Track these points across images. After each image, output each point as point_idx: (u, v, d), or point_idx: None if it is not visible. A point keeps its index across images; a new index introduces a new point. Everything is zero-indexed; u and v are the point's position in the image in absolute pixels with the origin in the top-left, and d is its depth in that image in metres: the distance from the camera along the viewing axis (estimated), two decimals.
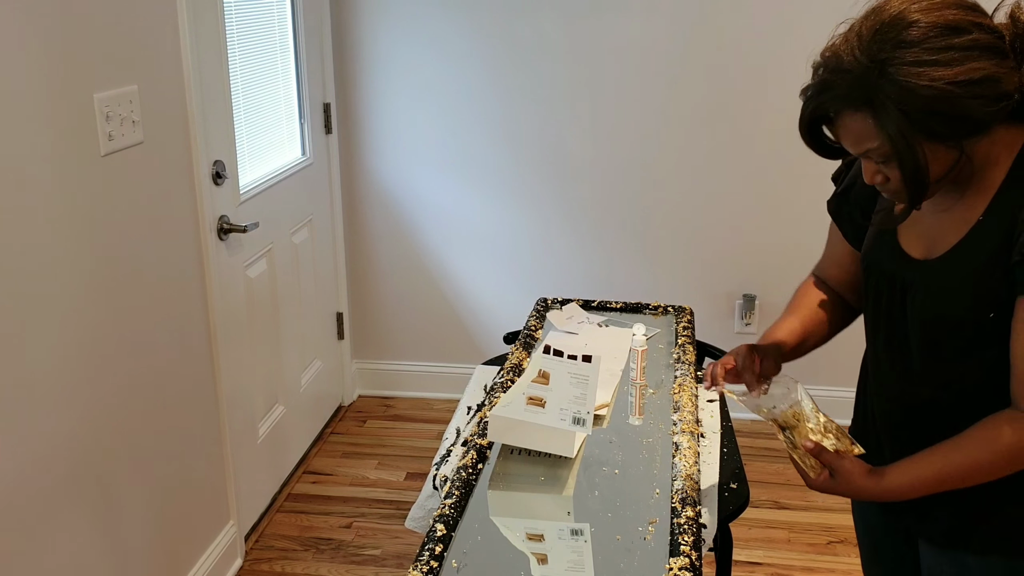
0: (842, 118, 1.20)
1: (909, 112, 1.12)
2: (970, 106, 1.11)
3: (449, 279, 3.52)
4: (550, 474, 1.55)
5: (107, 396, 1.97)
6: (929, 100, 1.11)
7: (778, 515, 2.89)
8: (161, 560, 2.23)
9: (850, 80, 1.15)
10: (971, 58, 1.11)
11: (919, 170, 1.15)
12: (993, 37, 1.13)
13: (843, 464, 1.30)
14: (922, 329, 1.29)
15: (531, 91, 3.25)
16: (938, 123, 1.13)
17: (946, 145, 1.15)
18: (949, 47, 1.11)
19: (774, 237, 3.29)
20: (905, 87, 1.11)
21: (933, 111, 1.12)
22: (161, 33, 2.13)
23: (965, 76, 1.10)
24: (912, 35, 1.12)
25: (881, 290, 1.36)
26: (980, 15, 1.15)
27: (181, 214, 2.26)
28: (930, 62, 1.10)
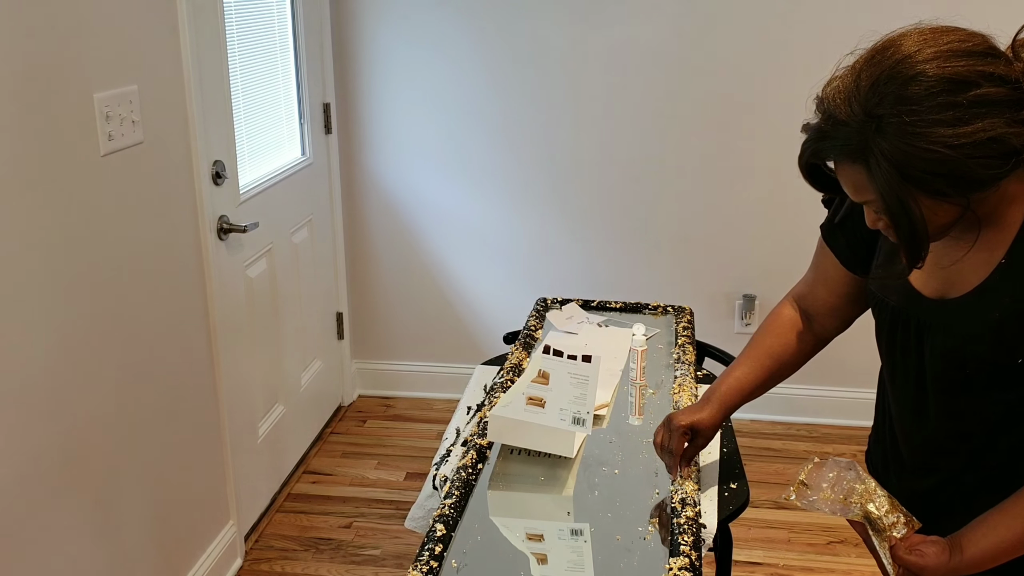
0: (840, 166, 1.15)
1: (906, 172, 1.06)
2: (972, 167, 1.05)
3: (449, 279, 3.52)
4: (550, 474, 1.55)
5: (107, 396, 1.97)
6: (928, 163, 1.05)
7: (778, 515, 2.89)
8: (161, 560, 2.23)
9: (846, 133, 1.10)
10: (977, 117, 1.03)
11: (915, 228, 1.10)
12: (1006, 89, 1.05)
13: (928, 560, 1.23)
14: (942, 369, 1.24)
15: (531, 91, 3.25)
16: (939, 183, 1.07)
17: (947, 200, 1.09)
18: (953, 105, 1.04)
19: (774, 237, 3.29)
20: (901, 148, 1.05)
21: (934, 174, 1.06)
22: (161, 33, 2.13)
23: (968, 139, 1.03)
24: (913, 91, 1.05)
25: (895, 327, 1.31)
26: (991, 62, 1.06)
27: (181, 214, 2.26)
28: (930, 122, 1.04)
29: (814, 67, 3.30)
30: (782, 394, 3.37)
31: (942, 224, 1.12)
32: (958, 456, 1.28)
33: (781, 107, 3.13)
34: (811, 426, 3.40)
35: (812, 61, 3.06)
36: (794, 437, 3.35)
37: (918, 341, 1.26)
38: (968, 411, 1.24)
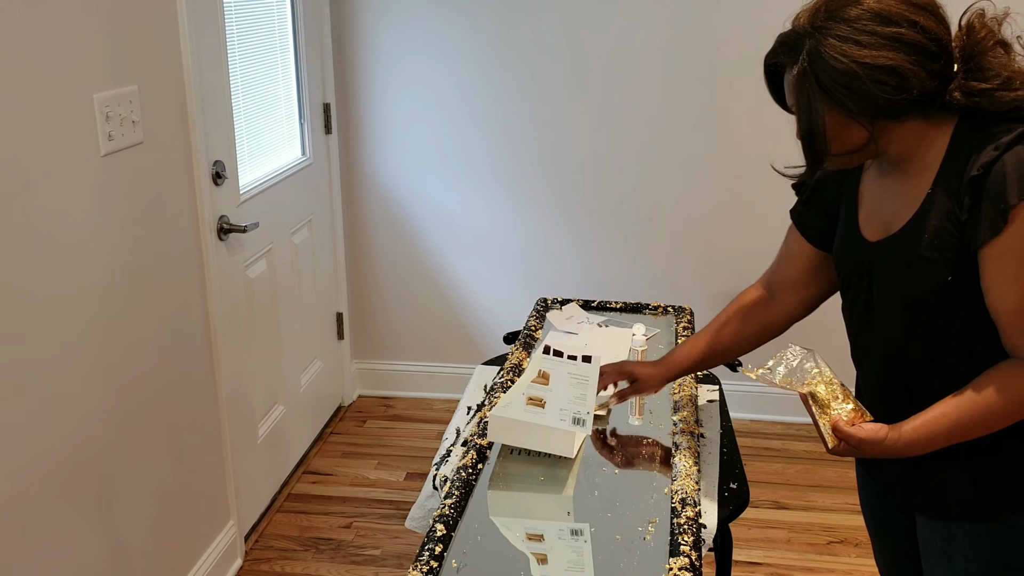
0: (787, 71, 1.33)
1: (822, 79, 1.24)
2: (870, 89, 1.21)
3: (449, 279, 3.52)
4: (550, 474, 1.55)
5: (107, 396, 1.97)
6: (836, 72, 1.22)
7: (778, 515, 2.89)
8: (161, 560, 2.23)
9: (791, 38, 1.29)
10: (886, 47, 1.20)
11: (813, 132, 1.28)
12: (923, 36, 1.21)
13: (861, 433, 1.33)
14: (886, 303, 1.36)
15: (531, 91, 3.25)
16: (844, 96, 1.23)
17: (855, 120, 1.26)
18: (872, 32, 1.21)
19: (774, 237, 3.28)
20: (821, 54, 1.24)
21: (840, 84, 1.23)
22: (161, 33, 2.13)
23: (871, 60, 1.20)
24: (849, 13, 1.23)
25: (850, 279, 1.43)
26: (923, 14, 1.22)
27: (181, 214, 2.26)
28: (849, 40, 1.22)
29: None
30: (782, 394, 3.37)
31: (849, 144, 1.29)
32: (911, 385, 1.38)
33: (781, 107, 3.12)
34: (811, 426, 3.40)
35: None
36: (794, 437, 3.35)
37: (868, 284, 1.38)
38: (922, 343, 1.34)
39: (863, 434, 1.33)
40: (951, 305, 1.30)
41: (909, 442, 1.31)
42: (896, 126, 1.27)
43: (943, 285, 1.28)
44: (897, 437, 1.32)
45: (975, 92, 1.24)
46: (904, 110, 1.24)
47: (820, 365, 1.41)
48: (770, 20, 3.11)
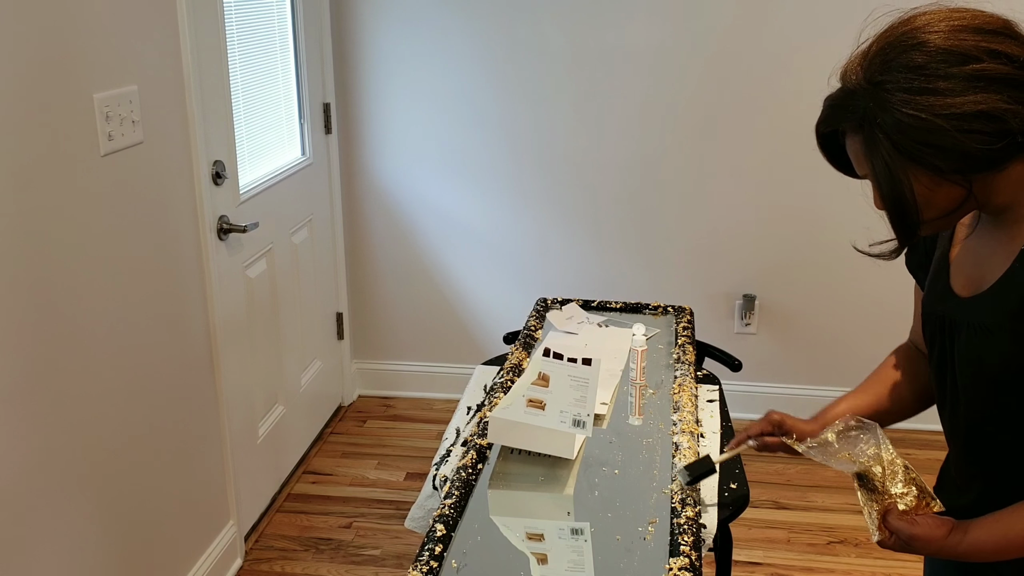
0: (848, 136, 1.15)
1: (898, 142, 1.07)
2: (963, 141, 1.04)
3: (449, 279, 3.52)
4: (550, 474, 1.55)
5: (107, 396, 1.97)
6: (916, 131, 1.05)
7: (778, 515, 2.89)
8: (161, 560, 2.23)
9: (849, 100, 1.11)
10: (972, 90, 1.03)
11: (901, 202, 1.09)
12: (1010, 67, 1.04)
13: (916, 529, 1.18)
14: (965, 373, 1.19)
15: (531, 91, 3.25)
16: (932, 155, 1.06)
17: (946, 179, 1.08)
18: (948, 76, 1.04)
19: (774, 237, 3.29)
20: (894, 115, 1.06)
21: (923, 143, 1.05)
22: (161, 33, 2.13)
23: (959, 110, 1.03)
24: (914, 59, 1.06)
25: (935, 336, 1.26)
26: (1001, 40, 1.05)
27: (181, 214, 2.26)
28: (923, 90, 1.04)
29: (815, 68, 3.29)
30: (782, 394, 3.37)
31: (944, 206, 1.11)
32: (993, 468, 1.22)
33: (782, 107, 3.13)
34: None
35: (813, 62, 3.06)
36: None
37: (950, 341, 1.21)
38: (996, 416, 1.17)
39: (918, 530, 1.17)
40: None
41: (974, 546, 1.15)
42: (997, 175, 1.09)
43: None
44: (961, 538, 1.15)
45: None
46: (1006, 156, 1.06)
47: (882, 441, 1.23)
48: (773, 20, 3.13)
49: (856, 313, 3.31)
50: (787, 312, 3.35)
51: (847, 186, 1.45)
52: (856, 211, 3.07)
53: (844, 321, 3.33)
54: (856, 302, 3.29)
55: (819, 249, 3.26)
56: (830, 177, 1.48)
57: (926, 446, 3.23)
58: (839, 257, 3.23)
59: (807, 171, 3.12)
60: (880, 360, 1.51)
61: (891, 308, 3.22)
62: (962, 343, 1.18)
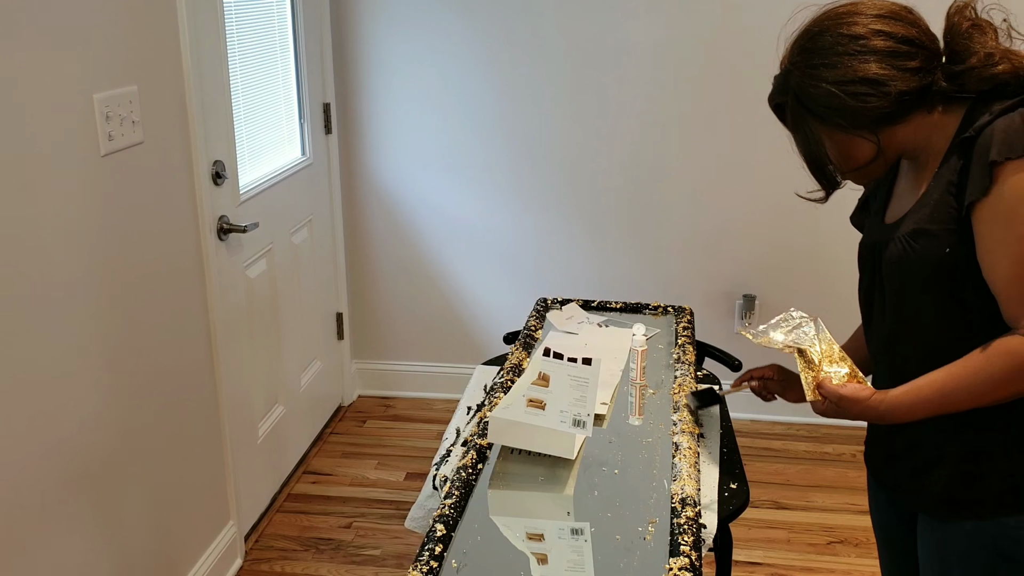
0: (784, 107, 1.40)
1: (809, 107, 1.33)
2: (853, 103, 1.28)
3: (449, 279, 3.52)
4: (550, 474, 1.55)
5: (107, 396, 1.97)
6: (819, 96, 1.30)
7: (778, 515, 2.89)
8: (161, 560, 2.23)
9: (779, 78, 1.39)
10: (855, 60, 1.28)
11: (816, 157, 1.38)
12: (891, 41, 1.27)
13: (846, 389, 1.35)
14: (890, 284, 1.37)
15: (531, 91, 3.25)
16: (835, 116, 1.30)
17: (855, 135, 1.31)
18: (841, 52, 1.29)
19: (774, 237, 3.29)
20: (802, 87, 1.33)
21: (825, 106, 1.30)
22: (161, 33, 2.13)
23: (843, 76, 1.28)
24: (820, 42, 1.32)
25: (865, 263, 1.47)
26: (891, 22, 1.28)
27: (181, 214, 2.26)
28: (821, 65, 1.30)
29: None
30: None
31: (861, 159, 1.35)
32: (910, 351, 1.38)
33: None
34: (811, 426, 3.41)
35: None
36: (794, 437, 3.35)
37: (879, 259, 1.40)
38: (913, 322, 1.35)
39: (845, 391, 1.35)
40: (952, 285, 1.29)
41: (893, 405, 1.32)
42: (901, 127, 1.31)
43: (941, 259, 1.28)
44: (881, 399, 1.33)
45: (954, 74, 1.28)
46: (898, 112, 1.29)
47: (822, 331, 1.42)
48: (770, 19, 3.12)
49: (856, 313, 3.29)
50: None
51: (847, 186, 1.50)
52: None
53: (844, 321, 3.31)
54: (856, 302, 3.28)
55: (819, 249, 3.26)
56: None
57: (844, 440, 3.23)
58: (839, 257, 3.23)
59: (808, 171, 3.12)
60: None
61: None
62: (888, 255, 1.36)
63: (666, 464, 1.61)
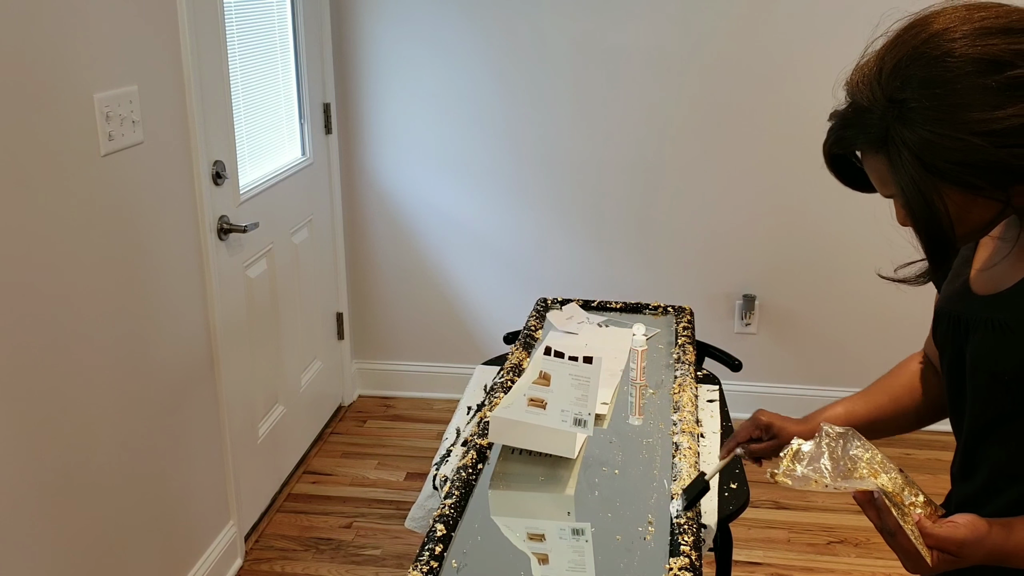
0: (865, 156, 1.05)
1: (929, 163, 0.96)
2: (1004, 157, 0.94)
3: (449, 279, 3.52)
4: (551, 474, 1.55)
5: (107, 396, 1.97)
6: (949, 151, 0.95)
7: (778, 515, 2.89)
8: (161, 560, 2.23)
9: (868, 121, 1.00)
10: (1009, 100, 0.92)
11: (936, 226, 0.99)
12: None
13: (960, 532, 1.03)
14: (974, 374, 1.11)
15: (531, 91, 3.25)
16: (968, 175, 0.96)
17: (981, 195, 0.98)
18: (983, 88, 0.93)
19: (774, 237, 3.29)
20: (924, 136, 0.95)
21: (958, 162, 0.95)
22: (161, 33, 2.13)
23: (999, 125, 0.92)
24: (938, 73, 0.95)
25: (948, 336, 1.17)
26: None
27: (181, 214, 2.26)
28: (957, 107, 0.94)
29: (818, 70, 3.29)
30: (782, 394, 3.37)
31: (979, 222, 1.01)
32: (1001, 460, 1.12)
33: (781, 107, 3.13)
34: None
35: (812, 62, 3.06)
36: None
37: (964, 341, 1.13)
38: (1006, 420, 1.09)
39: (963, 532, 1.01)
40: None
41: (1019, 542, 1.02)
42: None
43: None
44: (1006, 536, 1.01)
45: None
46: None
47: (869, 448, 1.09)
48: (773, 21, 3.12)
49: (856, 313, 3.31)
50: (787, 312, 3.35)
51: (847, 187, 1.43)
52: (856, 211, 3.08)
53: (844, 321, 3.33)
54: (856, 302, 3.29)
55: (819, 249, 3.26)
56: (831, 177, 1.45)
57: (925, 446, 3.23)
58: (839, 257, 3.23)
59: (808, 171, 3.12)
60: (878, 359, 1.49)
61: (891, 308, 3.22)
62: (976, 342, 1.09)
63: (666, 464, 1.61)
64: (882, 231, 1.17)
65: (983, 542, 1.01)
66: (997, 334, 1.06)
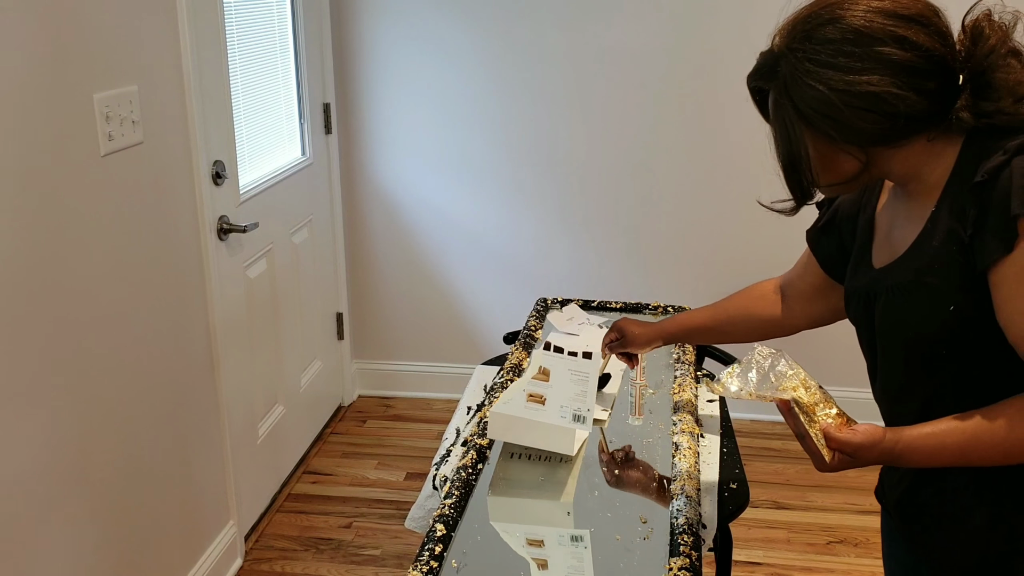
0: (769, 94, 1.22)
1: (799, 106, 1.13)
2: (851, 116, 1.10)
3: (449, 279, 3.52)
4: (550, 477, 1.55)
5: (107, 396, 1.97)
6: (813, 99, 1.11)
7: (778, 515, 2.89)
8: (161, 560, 2.23)
9: (768, 60, 1.19)
10: (867, 70, 1.08)
11: (795, 162, 1.17)
12: (913, 54, 1.07)
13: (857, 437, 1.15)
14: (886, 339, 1.22)
15: (531, 92, 3.25)
16: (827, 125, 1.12)
17: (842, 149, 1.14)
18: (851, 54, 1.08)
19: (773, 237, 3.29)
20: (797, 80, 1.12)
21: (819, 112, 1.11)
22: (161, 33, 2.13)
23: (850, 87, 1.08)
24: (827, 33, 1.10)
25: (859, 312, 1.29)
26: (913, 28, 1.08)
27: (181, 214, 2.26)
28: (827, 64, 1.10)
29: None
30: None
31: (842, 174, 1.17)
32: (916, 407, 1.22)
33: None
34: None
35: None
36: (793, 437, 3.34)
37: (871, 316, 1.25)
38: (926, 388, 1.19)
39: (859, 438, 1.15)
40: (956, 343, 1.13)
41: (909, 447, 1.14)
42: (897, 151, 1.14)
43: (945, 317, 1.12)
44: (896, 439, 1.14)
45: (986, 113, 1.09)
46: (898, 135, 1.11)
47: (794, 367, 1.23)
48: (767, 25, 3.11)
49: None
50: None
51: None
52: None
53: (844, 321, 3.32)
54: None
55: None
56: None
57: None
58: None
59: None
60: None
61: None
62: (880, 308, 1.21)
63: (666, 464, 1.61)
64: None
65: (876, 446, 1.15)
66: (898, 296, 1.18)
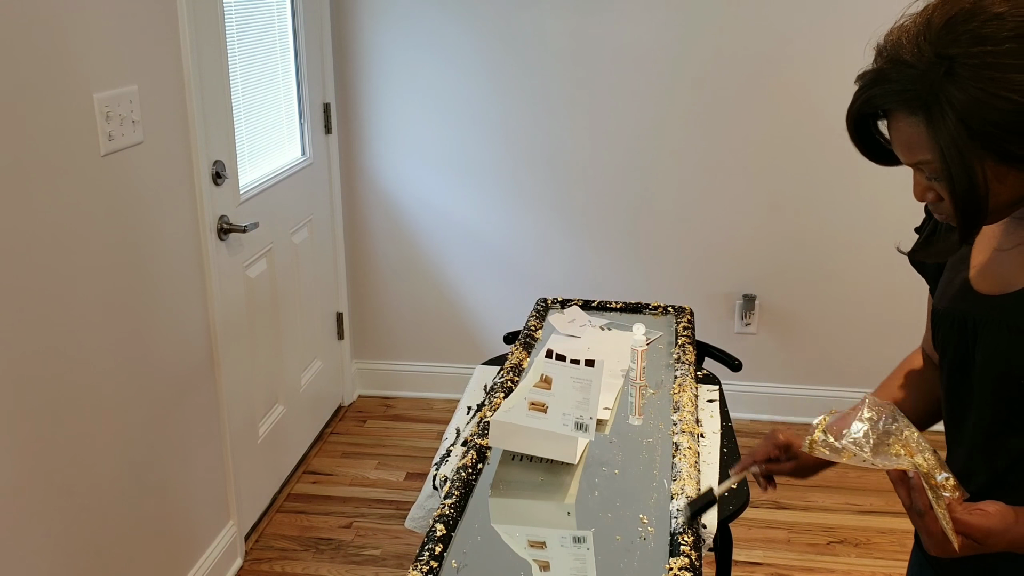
0: (895, 119, 0.99)
1: (974, 126, 0.92)
2: None
3: (449, 279, 3.52)
4: (551, 479, 1.55)
5: (107, 396, 1.97)
6: (994, 111, 0.90)
7: (778, 515, 2.89)
8: (161, 560, 2.23)
9: (909, 76, 0.94)
10: None
11: (974, 196, 0.94)
12: None
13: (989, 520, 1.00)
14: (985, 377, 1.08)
15: (531, 92, 3.25)
16: (1011, 142, 0.91)
17: (1015, 167, 0.94)
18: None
19: (774, 237, 3.29)
20: (973, 94, 0.90)
21: (1006, 127, 0.91)
22: (161, 33, 2.13)
23: None
24: (991, 32, 0.90)
25: (951, 337, 1.13)
26: None
27: (181, 214, 2.26)
28: (1004, 66, 0.89)
29: (814, 67, 3.29)
30: (782, 394, 3.37)
31: (1007, 198, 0.97)
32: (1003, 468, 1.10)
33: (783, 107, 3.13)
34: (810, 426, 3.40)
35: (812, 61, 3.06)
36: None
37: (972, 342, 1.09)
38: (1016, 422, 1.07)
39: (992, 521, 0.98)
40: None
41: None
42: None
43: None
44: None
45: None
46: None
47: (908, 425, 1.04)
48: (771, 20, 3.12)
49: (856, 313, 3.31)
50: (787, 312, 3.35)
51: (847, 185, 1.44)
52: (856, 211, 3.08)
53: (844, 321, 3.33)
54: (856, 302, 3.29)
55: (819, 249, 3.26)
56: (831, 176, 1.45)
57: None
58: (839, 257, 3.23)
59: (808, 171, 3.12)
60: (878, 359, 1.48)
61: (891, 307, 3.22)
62: (987, 343, 1.06)
63: (666, 464, 1.61)
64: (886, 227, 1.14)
65: (1008, 531, 0.99)
66: (1012, 335, 1.03)
